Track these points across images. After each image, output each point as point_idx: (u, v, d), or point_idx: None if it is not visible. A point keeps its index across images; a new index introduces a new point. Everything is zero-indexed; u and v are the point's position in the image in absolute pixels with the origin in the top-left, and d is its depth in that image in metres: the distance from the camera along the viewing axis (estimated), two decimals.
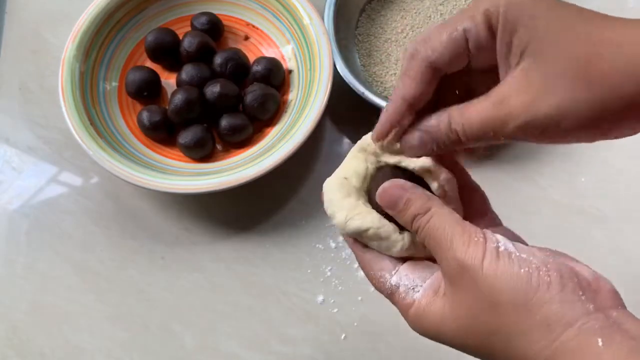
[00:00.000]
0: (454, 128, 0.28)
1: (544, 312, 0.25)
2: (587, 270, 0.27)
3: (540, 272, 0.26)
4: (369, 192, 0.33)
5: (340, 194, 0.33)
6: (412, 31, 0.62)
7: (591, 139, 0.26)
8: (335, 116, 0.60)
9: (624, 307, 0.26)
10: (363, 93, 0.55)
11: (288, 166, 0.52)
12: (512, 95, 0.26)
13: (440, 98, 0.31)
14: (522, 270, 0.26)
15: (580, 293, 0.25)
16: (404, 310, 0.31)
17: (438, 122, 0.29)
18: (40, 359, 0.51)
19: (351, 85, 0.55)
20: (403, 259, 0.32)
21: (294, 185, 0.58)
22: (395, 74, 0.60)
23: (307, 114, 0.54)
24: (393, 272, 0.32)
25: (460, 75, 0.30)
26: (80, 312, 0.52)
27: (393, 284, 0.31)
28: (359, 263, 0.34)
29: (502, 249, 0.27)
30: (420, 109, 0.30)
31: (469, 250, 0.27)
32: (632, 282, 0.52)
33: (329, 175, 0.34)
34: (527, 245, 0.30)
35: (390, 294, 0.31)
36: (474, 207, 0.33)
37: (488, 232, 0.28)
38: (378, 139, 0.32)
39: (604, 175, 0.57)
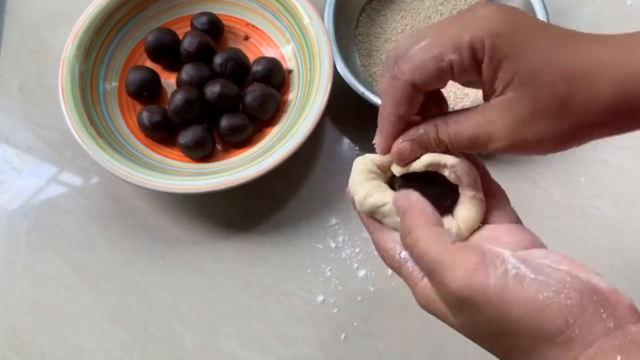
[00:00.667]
0: (442, 138, 0.30)
1: (565, 337, 0.25)
2: (603, 282, 0.27)
3: (561, 296, 0.25)
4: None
5: (363, 176, 0.34)
6: (412, 31, 0.62)
7: (562, 150, 0.30)
8: (335, 116, 0.60)
9: None
10: (363, 93, 0.55)
11: (288, 166, 0.52)
12: (497, 120, 0.28)
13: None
14: (541, 295, 0.25)
15: (602, 311, 0.25)
16: (412, 284, 0.31)
17: (427, 132, 0.31)
18: (40, 359, 0.51)
19: (351, 85, 0.55)
20: None
21: (294, 185, 0.58)
22: None
23: (307, 114, 0.54)
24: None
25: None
26: (80, 312, 0.52)
27: (402, 257, 0.31)
28: (372, 240, 0.34)
29: (512, 272, 0.26)
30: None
31: (466, 281, 0.26)
32: (633, 282, 0.52)
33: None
34: (545, 248, 0.29)
35: (399, 267, 0.31)
36: (493, 202, 0.33)
37: (491, 255, 0.27)
38: (384, 154, 0.33)
39: (604, 175, 0.57)
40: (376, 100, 0.54)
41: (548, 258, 0.28)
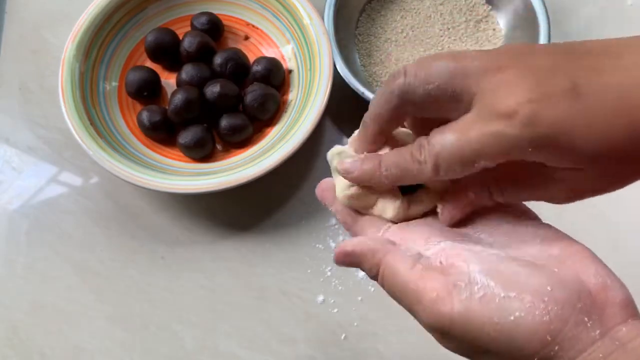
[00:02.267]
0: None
1: (544, 356, 0.24)
2: (594, 277, 0.25)
3: (536, 312, 0.24)
4: None
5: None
6: (412, 31, 0.62)
7: None
8: (335, 116, 0.60)
9: (636, 316, 0.25)
10: (363, 93, 0.55)
11: (288, 166, 0.52)
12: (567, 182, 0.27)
13: None
14: (512, 317, 0.24)
15: (586, 319, 0.24)
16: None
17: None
18: (40, 359, 0.51)
19: (351, 85, 0.55)
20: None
21: (294, 185, 0.58)
22: None
23: (307, 114, 0.54)
24: (384, 229, 0.31)
25: None
26: (80, 312, 0.52)
27: None
28: (351, 233, 0.33)
29: (479, 294, 0.25)
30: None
31: (431, 313, 0.25)
32: (633, 283, 0.52)
33: (329, 175, 0.34)
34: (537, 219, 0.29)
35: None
36: None
37: (457, 276, 0.25)
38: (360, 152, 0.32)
39: None
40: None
41: (535, 247, 0.27)
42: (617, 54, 0.25)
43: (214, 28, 0.60)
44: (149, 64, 0.60)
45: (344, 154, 0.33)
